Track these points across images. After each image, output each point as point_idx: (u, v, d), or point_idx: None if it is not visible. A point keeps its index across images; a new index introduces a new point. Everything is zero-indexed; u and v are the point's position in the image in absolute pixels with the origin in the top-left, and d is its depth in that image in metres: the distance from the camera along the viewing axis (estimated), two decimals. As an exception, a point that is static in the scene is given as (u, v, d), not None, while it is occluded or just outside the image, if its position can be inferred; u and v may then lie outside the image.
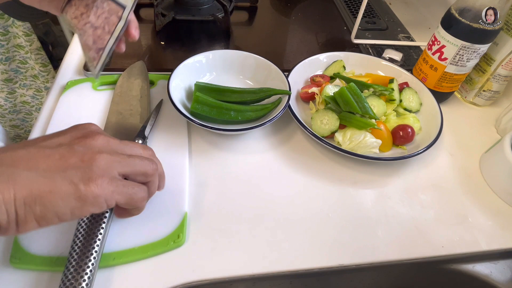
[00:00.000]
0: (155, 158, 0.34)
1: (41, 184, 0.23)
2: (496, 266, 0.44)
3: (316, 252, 0.41)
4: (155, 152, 0.36)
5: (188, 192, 0.44)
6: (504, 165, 0.48)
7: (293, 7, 0.85)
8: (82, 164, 0.25)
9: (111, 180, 0.27)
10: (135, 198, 0.30)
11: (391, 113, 0.55)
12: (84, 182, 0.25)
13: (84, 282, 0.32)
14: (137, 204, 0.31)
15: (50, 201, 0.24)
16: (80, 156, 0.26)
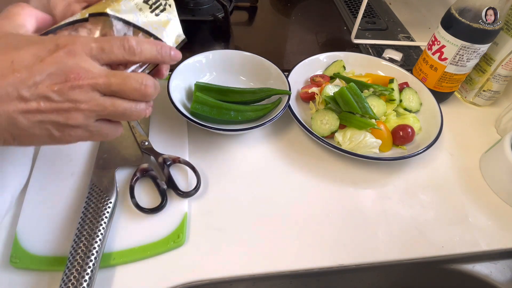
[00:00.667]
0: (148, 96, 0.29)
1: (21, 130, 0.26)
2: (496, 266, 0.44)
3: (316, 252, 0.41)
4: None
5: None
6: (504, 165, 0.48)
7: (293, 7, 0.85)
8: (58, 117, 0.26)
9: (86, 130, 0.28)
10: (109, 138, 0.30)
11: (391, 113, 0.55)
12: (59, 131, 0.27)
13: (85, 282, 0.32)
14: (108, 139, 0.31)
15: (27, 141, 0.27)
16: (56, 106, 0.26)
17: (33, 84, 0.25)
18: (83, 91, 0.26)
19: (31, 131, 0.26)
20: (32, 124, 0.25)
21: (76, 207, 0.40)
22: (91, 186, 0.40)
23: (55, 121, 0.26)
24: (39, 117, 0.25)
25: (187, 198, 0.43)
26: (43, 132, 0.26)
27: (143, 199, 0.42)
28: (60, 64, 0.25)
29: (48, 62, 0.25)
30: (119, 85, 0.27)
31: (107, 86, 0.27)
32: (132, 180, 0.42)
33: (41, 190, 0.42)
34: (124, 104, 0.28)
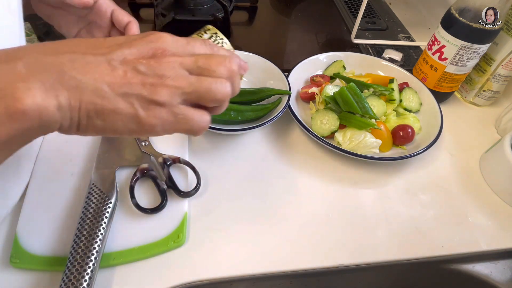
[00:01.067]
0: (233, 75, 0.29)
1: (105, 101, 0.24)
2: (496, 266, 0.44)
3: (316, 252, 0.41)
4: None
5: (188, 192, 0.44)
6: (504, 165, 0.48)
7: (293, 7, 0.85)
8: (143, 90, 0.25)
9: (170, 110, 0.26)
10: (194, 127, 0.28)
11: (391, 113, 0.55)
12: (143, 108, 0.25)
13: (85, 282, 0.32)
14: (196, 133, 0.29)
15: (111, 119, 0.25)
16: (142, 79, 0.25)
17: (121, 55, 0.25)
18: (170, 66, 0.26)
19: (116, 104, 0.24)
20: (117, 95, 0.24)
21: (76, 207, 0.40)
22: (91, 186, 0.40)
23: (140, 94, 0.25)
24: (124, 88, 0.24)
25: (187, 198, 0.43)
26: (127, 108, 0.25)
27: (143, 199, 0.42)
28: (149, 43, 0.26)
29: (137, 42, 0.26)
30: (205, 62, 0.27)
31: (194, 63, 0.27)
32: (132, 180, 0.42)
33: (41, 190, 0.42)
34: (209, 79, 0.27)
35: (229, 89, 0.28)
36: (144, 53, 0.26)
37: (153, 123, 0.26)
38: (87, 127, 0.25)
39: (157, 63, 0.26)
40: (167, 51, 0.26)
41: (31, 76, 0.22)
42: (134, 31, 0.43)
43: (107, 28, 0.45)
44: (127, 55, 0.25)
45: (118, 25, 0.44)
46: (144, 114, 0.25)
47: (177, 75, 0.26)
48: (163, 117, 0.26)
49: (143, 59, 0.25)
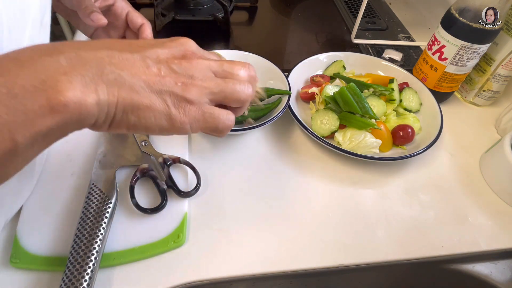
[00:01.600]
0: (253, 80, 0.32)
1: (141, 96, 0.25)
2: (496, 266, 0.44)
3: (316, 252, 0.41)
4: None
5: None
6: (504, 165, 0.48)
7: (293, 7, 0.85)
8: (175, 87, 0.26)
9: (199, 109, 0.28)
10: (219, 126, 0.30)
11: (391, 113, 0.55)
12: (175, 106, 0.26)
13: (85, 282, 0.32)
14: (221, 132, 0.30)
15: (145, 115, 0.26)
16: (175, 78, 0.26)
17: (155, 54, 0.26)
18: (199, 68, 0.28)
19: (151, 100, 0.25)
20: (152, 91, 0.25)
21: (76, 207, 0.40)
22: (91, 186, 0.40)
23: (173, 92, 0.26)
24: (159, 85, 0.26)
25: (187, 198, 0.43)
26: (161, 105, 0.26)
27: (143, 199, 0.42)
28: (179, 45, 0.28)
29: (168, 44, 0.28)
30: (229, 66, 0.30)
31: (220, 66, 0.29)
32: (132, 180, 0.42)
33: (41, 190, 0.42)
34: (233, 81, 0.29)
35: (251, 90, 0.30)
36: (175, 54, 0.28)
37: (184, 121, 0.27)
38: (121, 123, 0.25)
39: (188, 63, 0.27)
40: (196, 54, 0.28)
41: (73, 70, 0.22)
42: (148, 33, 0.45)
43: (122, 28, 0.47)
44: (160, 54, 0.27)
45: (133, 27, 0.46)
46: (175, 111, 0.26)
47: (205, 76, 0.28)
48: (193, 115, 0.27)
49: (175, 59, 0.27)
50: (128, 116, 0.25)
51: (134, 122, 0.26)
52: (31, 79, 0.21)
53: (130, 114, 0.25)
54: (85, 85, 0.22)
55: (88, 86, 0.22)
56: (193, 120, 0.27)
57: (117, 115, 0.25)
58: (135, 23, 0.45)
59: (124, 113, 0.25)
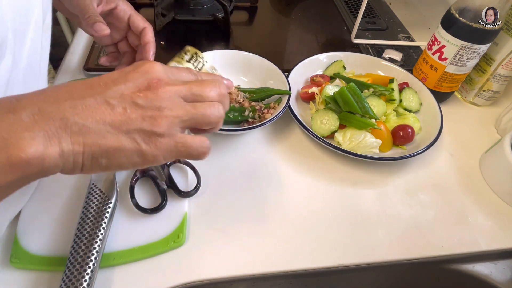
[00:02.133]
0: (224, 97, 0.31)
1: (109, 141, 0.25)
2: (496, 266, 0.44)
3: (316, 252, 0.41)
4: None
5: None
6: (504, 165, 0.48)
7: (293, 7, 0.85)
8: (143, 123, 0.26)
9: (171, 139, 0.27)
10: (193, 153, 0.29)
11: (391, 113, 0.55)
12: (145, 141, 0.26)
13: (85, 282, 0.32)
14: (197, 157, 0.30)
15: (115, 156, 0.26)
16: (141, 113, 0.26)
17: (118, 91, 0.26)
18: (166, 97, 0.27)
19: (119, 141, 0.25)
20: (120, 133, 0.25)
21: (76, 207, 0.40)
22: (91, 186, 0.40)
23: (141, 128, 0.26)
24: (126, 125, 0.25)
25: (187, 198, 0.43)
26: (130, 144, 0.26)
27: (143, 199, 0.42)
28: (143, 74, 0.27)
29: (132, 76, 0.27)
30: (198, 88, 0.29)
31: (188, 90, 0.28)
32: (132, 180, 0.42)
33: (41, 190, 0.42)
34: (203, 105, 0.29)
35: (222, 111, 0.30)
36: (140, 86, 0.26)
37: (156, 154, 0.27)
38: (92, 167, 0.25)
39: (154, 95, 0.26)
40: (161, 80, 0.27)
41: (35, 125, 0.22)
42: (149, 37, 0.45)
43: (124, 30, 0.48)
44: (124, 90, 0.26)
45: (135, 30, 0.46)
46: (146, 147, 0.26)
47: (174, 105, 0.27)
48: (164, 148, 0.27)
49: (140, 92, 0.26)
50: (98, 160, 0.25)
51: (106, 164, 0.26)
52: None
53: (100, 159, 0.25)
54: (48, 139, 0.23)
55: (51, 140, 0.23)
56: (166, 151, 0.27)
57: (86, 162, 0.25)
58: (137, 27, 0.46)
59: (94, 158, 0.25)
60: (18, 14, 0.30)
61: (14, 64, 0.30)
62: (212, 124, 0.30)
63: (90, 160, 0.25)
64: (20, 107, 0.23)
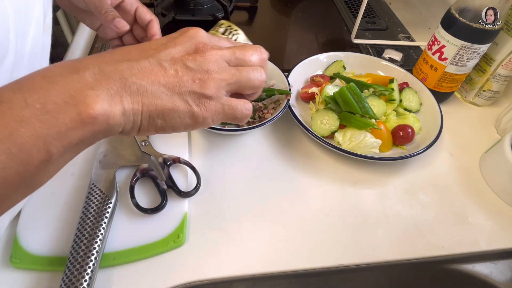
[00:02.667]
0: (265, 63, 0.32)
1: (164, 101, 0.26)
2: (496, 266, 0.44)
3: (316, 252, 0.41)
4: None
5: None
6: (504, 165, 0.48)
7: (293, 7, 0.85)
8: (194, 85, 0.27)
9: (218, 102, 0.29)
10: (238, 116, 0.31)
11: (391, 113, 0.55)
12: (196, 103, 0.27)
13: (85, 282, 0.32)
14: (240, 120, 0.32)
15: (170, 117, 0.27)
16: (192, 75, 0.27)
17: (169, 54, 0.27)
18: (213, 60, 0.28)
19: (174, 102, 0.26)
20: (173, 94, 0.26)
21: (76, 207, 0.40)
22: (91, 186, 0.40)
23: (192, 90, 0.27)
24: (178, 86, 0.26)
25: (187, 198, 0.43)
26: (183, 105, 0.27)
27: (143, 199, 0.42)
28: (190, 39, 0.28)
29: (180, 40, 0.28)
30: (241, 52, 0.30)
31: (232, 54, 0.29)
32: (132, 180, 0.42)
33: (41, 190, 0.41)
34: (247, 69, 0.30)
35: (264, 75, 0.31)
36: (188, 49, 0.28)
37: (206, 115, 0.28)
38: (148, 127, 0.27)
39: (202, 58, 0.28)
40: (207, 45, 0.29)
41: (98, 84, 0.24)
42: (155, 29, 0.46)
43: (130, 23, 0.47)
44: (174, 54, 0.27)
45: (141, 22, 0.46)
46: (197, 109, 0.28)
47: (220, 68, 0.28)
48: (213, 109, 0.28)
49: (189, 55, 0.28)
50: (154, 120, 0.26)
51: (161, 125, 0.27)
52: (62, 95, 0.22)
53: (156, 119, 0.26)
54: (111, 97, 0.24)
55: (113, 98, 0.24)
56: (214, 113, 0.28)
57: (143, 121, 0.26)
58: (143, 19, 0.46)
59: (151, 118, 0.26)
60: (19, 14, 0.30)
61: (16, 63, 0.31)
62: (255, 88, 0.31)
63: (147, 119, 0.26)
64: (82, 68, 0.24)
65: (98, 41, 0.66)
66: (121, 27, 0.42)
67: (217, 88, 0.28)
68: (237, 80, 0.29)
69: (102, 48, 0.64)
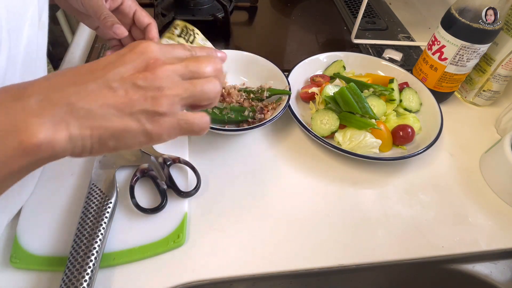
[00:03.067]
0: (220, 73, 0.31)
1: (114, 123, 0.25)
2: (496, 266, 0.44)
3: (316, 252, 0.41)
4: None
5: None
6: (504, 165, 0.48)
7: (293, 7, 0.85)
8: (145, 103, 0.26)
9: (173, 118, 0.28)
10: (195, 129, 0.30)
11: (391, 113, 0.55)
12: (149, 121, 0.27)
13: (85, 282, 0.32)
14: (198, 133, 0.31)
15: (122, 137, 0.26)
16: (143, 94, 0.26)
17: (118, 74, 0.26)
18: (165, 76, 0.27)
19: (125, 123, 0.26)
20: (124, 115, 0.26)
21: (76, 207, 0.40)
22: (91, 186, 0.40)
23: (144, 109, 0.26)
24: (129, 107, 0.26)
25: (187, 198, 0.43)
26: (135, 125, 0.26)
27: (143, 199, 0.42)
28: (140, 55, 0.27)
29: (129, 57, 0.27)
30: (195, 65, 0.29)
31: (185, 68, 0.28)
32: (132, 180, 0.42)
33: (41, 190, 0.42)
34: (201, 81, 0.29)
35: (219, 86, 0.30)
36: (138, 67, 0.27)
37: (160, 133, 0.27)
38: (100, 149, 0.26)
39: (153, 75, 0.27)
40: (158, 60, 0.27)
41: (43, 111, 0.23)
42: (154, 33, 0.46)
43: (128, 25, 0.47)
44: (123, 73, 0.26)
45: (139, 25, 0.46)
46: (150, 126, 0.27)
47: (173, 84, 0.27)
48: (168, 126, 0.27)
49: (139, 73, 0.26)
50: (106, 142, 0.26)
51: (114, 146, 0.26)
52: (3, 124, 0.22)
53: (108, 141, 0.26)
54: (56, 124, 0.23)
55: (59, 125, 0.23)
56: (169, 130, 0.28)
57: (94, 145, 0.25)
58: (141, 23, 0.46)
59: (102, 141, 0.25)
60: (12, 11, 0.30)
61: (10, 61, 0.30)
62: (211, 99, 0.30)
63: (98, 143, 0.25)
64: (28, 94, 0.23)
65: (98, 41, 0.66)
66: (119, 34, 0.42)
67: (170, 104, 0.27)
68: (191, 94, 0.28)
69: (102, 48, 0.64)
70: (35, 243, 0.37)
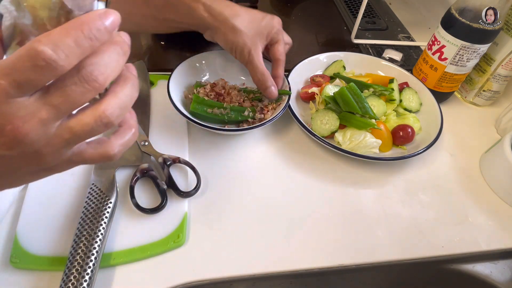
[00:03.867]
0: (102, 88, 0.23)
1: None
2: (496, 266, 0.44)
3: (316, 252, 0.41)
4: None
5: (188, 192, 0.44)
6: (504, 165, 0.48)
7: (293, 7, 0.85)
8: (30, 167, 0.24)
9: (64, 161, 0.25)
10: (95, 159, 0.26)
11: (391, 113, 0.55)
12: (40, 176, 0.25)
13: (85, 282, 0.32)
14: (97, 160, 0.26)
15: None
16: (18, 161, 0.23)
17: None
18: (29, 141, 0.21)
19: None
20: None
21: (76, 207, 0.40)
22: (91, 186, 0.40)
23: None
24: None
25: (187, 198, 0.43)
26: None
27: (143, 199, 0.42)
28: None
29: None
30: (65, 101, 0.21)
31: (54, 110, 0.21)
32: (132, 180, 0.42)
33: (41, 190, 0.42)
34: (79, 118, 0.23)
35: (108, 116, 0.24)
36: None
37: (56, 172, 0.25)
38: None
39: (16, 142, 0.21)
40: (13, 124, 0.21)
41: None
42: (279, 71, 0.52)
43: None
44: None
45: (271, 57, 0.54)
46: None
47: (46, 140, 0.22)
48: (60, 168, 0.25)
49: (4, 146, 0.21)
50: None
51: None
52: None
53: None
54: None
55: None
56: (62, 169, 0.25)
57: None
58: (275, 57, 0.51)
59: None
60: None
61: None
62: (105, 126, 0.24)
63: None
64: None
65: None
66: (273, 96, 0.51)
67: (56, 157, 0.23)
68: (73, 140, 0.23)
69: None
70: (35, 243, 0.37)
